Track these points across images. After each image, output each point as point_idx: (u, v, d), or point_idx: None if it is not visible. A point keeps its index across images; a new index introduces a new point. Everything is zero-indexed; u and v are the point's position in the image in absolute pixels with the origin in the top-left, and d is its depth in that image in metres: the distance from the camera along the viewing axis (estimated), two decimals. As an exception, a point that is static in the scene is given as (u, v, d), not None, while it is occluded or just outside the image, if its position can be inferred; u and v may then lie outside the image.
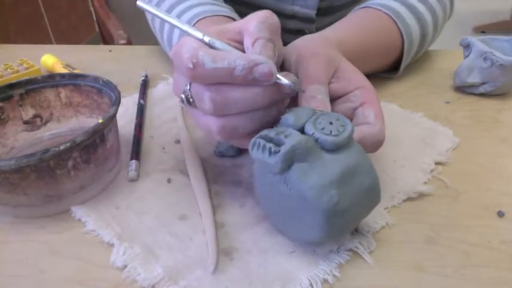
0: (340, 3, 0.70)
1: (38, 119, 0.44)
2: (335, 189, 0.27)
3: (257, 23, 0.31)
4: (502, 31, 2.65)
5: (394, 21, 0.51)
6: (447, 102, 0.51)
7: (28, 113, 0.43)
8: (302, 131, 0.29)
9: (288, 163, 0.27)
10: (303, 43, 0.39)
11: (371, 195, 0.29)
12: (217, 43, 0.31)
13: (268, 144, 0.27)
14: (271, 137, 0.28)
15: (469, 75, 0.51)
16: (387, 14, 0.51)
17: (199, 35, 0.31)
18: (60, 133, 0.44)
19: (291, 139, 0.27)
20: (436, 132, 0.45)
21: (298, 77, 0.35)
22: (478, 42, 0.50)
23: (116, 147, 0.39)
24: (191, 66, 0.29)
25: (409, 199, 0.36)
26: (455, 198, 0.37)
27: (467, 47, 0.52)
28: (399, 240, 0.32)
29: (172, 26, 0.36)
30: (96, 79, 0.42)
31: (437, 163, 0.40)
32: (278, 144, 0.27)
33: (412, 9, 0.52)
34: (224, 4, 0.55)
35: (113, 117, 0.36)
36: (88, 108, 0.44)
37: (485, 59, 0.49)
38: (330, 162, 0.28)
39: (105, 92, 0.41)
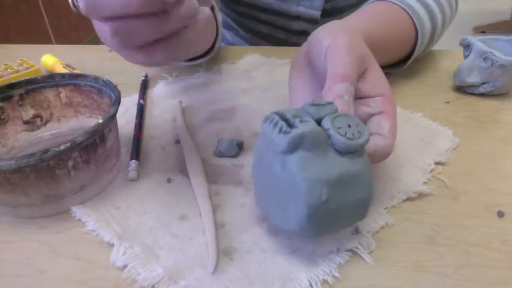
0: (345, 4, 0.70)
1: (38, 119, 0.44)
2: (327, 189, 0.27)
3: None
4: (502, 31, 2.65)
5: (411, 17, 0.51)
6: (447, 102, 0.51)
7: (28, 113, 0.43)
8: (319, 123, 0.28)
9: (294, 147, 0.27)
10: (337, 32, 0.37)
11: (358, 210, 0.29)
12: None
13: (281, 123, 0.27)
14: (287, 117, 0.28)
15: (469, 75, 0.51)
16: (404, 9, 0.51)
17: None
18: (60, 133, 0.45)
19: (305, 125, 0.27)
20: (436, 132, 0.45)
21: (327, 66, 0.35)
22: (478, 42, 0.50)
23: (116, 147, 0.39)
24: None
25: (409, 199, 0.36)
26: (455, 198, 0.37)
27: (467, 47, 0.52)
28: (399, 240, 0.32)
29: None
30: (96, 79, 0.42)
31: (437, 163, 0.40)
32: (291, 126, 0.27)
33: (425, 6, 0.52)
34: None
35: (113, 117, 0.36)
36: (88, 108, 0.44)
37: (485, 59, 0.49)
38: (333, 161, 0.27)
39: (105, 92, 0.41)
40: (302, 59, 0.40)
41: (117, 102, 0.37)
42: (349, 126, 0.28)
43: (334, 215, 0.28)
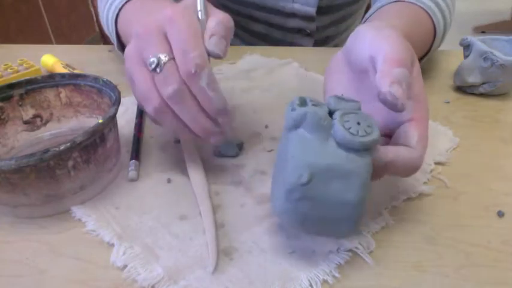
0: (341, 1, 0.70)
1: (38, 119, 0.44)
2: (310, 172, 0.26)
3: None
4: (502, 31, 2.65)
5: (430, 17, 0.50)
6: (447, 102, 0.51)
7: (28, 113, 0.43)
8: (331, 114, 0.29)
9: (296, 124, 0.28)
10: (381, 27, 0.34)
11: (344, 215, 0.27)
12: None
13: (296, 102, 0.29)
14: (306, 101, 0.29)
15: (469, 75, 0.51)
16: (424, 9, 0.50)
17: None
18: (60, 133, 0.44)
19: (312, 108, 0.27)
20: (436, 132, 0.45)
21: (377, 54, 0.31)
22: (478, 42, 0.50)
23: (116, 147, 0.39)
24: (193, 69, 0.30)
25: (409, 199, 0.36)
26: (455, 198, 0.37)
27: (467, 47, 0.52)
28: (399, 240, 0.32)
29: None
30: (96, 79, 0.42)
31: (437, 163, 0.40)
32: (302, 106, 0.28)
33: (438, 6, 0.52)
34: None
35: (113, 117, 0.36)
36: (88, 108, 0.44)
37: (485, 59, 0.49)
38: (329, 150, 0.27)
39: (105, 92, 0.41)
40: (339, 64, 0.38)
41: (117, 102, 0.37)
42: (358, 123, 0.27)
43: (315, 207, 0.27)
